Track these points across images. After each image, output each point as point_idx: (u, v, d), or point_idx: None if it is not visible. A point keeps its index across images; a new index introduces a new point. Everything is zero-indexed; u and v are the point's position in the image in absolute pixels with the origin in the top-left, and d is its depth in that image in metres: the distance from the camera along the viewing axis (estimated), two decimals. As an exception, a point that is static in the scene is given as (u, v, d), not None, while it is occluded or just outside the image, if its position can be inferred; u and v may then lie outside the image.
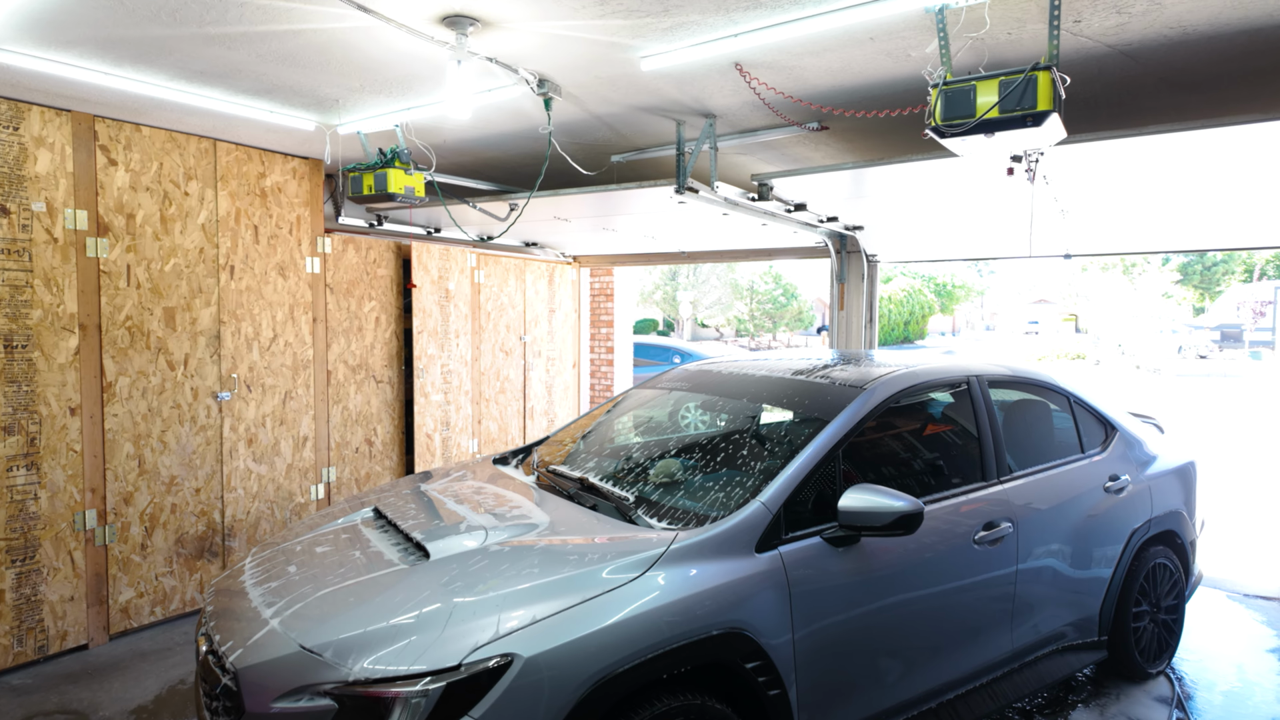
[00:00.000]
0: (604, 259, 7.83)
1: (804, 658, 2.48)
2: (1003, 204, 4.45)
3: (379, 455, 5.65)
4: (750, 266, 33.58)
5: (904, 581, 2.76)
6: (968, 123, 2.36)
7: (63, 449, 3.91)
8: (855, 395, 2.98)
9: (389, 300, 5.67)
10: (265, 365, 4.83)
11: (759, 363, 3.73)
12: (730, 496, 2.66)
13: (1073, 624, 3.45)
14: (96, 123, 4.00)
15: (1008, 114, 2.32)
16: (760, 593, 2.41)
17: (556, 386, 7.47)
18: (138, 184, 4.18)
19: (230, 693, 2.14)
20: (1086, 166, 3.63)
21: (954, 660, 2.97)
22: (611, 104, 3.73)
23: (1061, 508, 3.37)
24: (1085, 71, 3.15)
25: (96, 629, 4.09)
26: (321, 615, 2.22)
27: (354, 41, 2.97)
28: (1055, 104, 2.34)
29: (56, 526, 3.91)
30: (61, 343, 3.90)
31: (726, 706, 2.33)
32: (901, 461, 3.18)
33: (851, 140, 4.39)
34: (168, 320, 4.33)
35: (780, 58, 3.07)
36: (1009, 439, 3.51)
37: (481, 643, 2.01)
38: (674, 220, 5.39)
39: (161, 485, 4.33)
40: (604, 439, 3.69)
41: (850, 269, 6.17)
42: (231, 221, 4.62)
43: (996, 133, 2.37)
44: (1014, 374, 3.64)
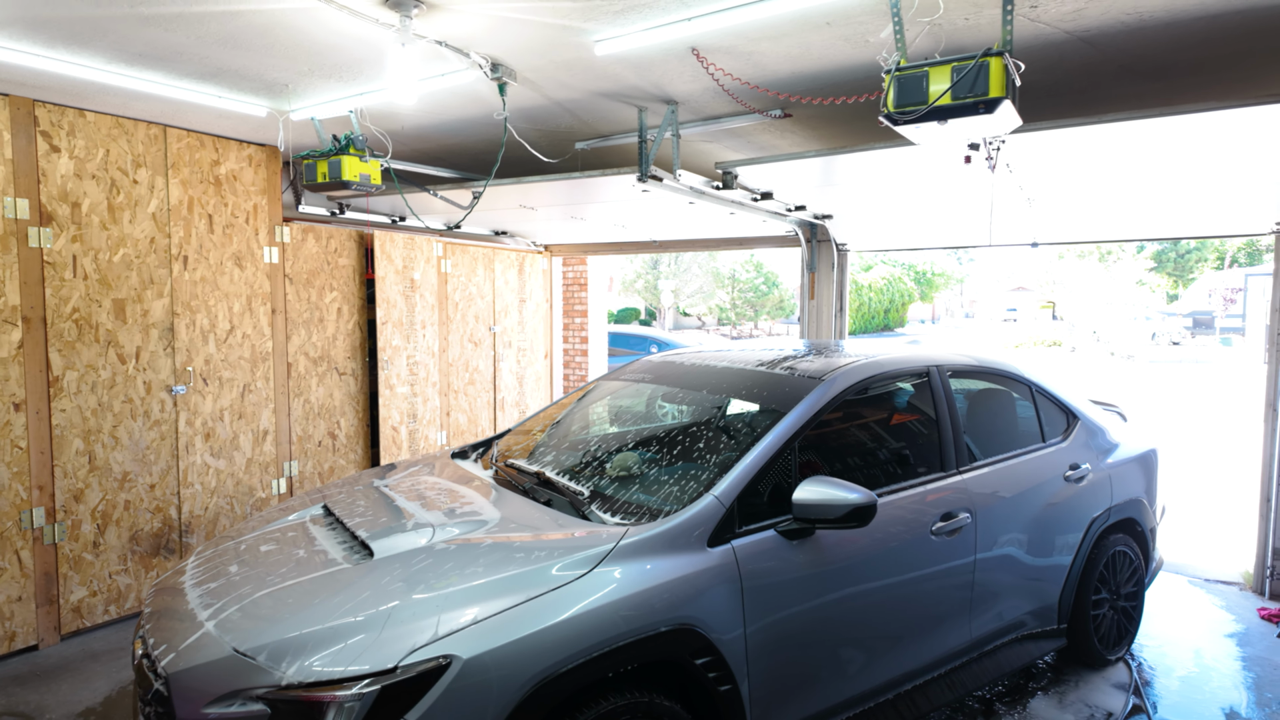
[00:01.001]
0: (576, 248, 7.75)
1: (756, 652, 2.45)
2: (968, 192, 4.42)
3: (343, 449, 5.56)
4: (731, 255, 33.58)
5: (860, 574, 2.74)
6: (920, 109, 2.32)
7: (6, 446, 3.80)
8: (813, 387, 2.94)
9: (351, 291, 5.57)
10: (222, 358, 4.72)
11: (724, 354, 3.69)
12: (684, 490, 2.62)
13: (1032, 612, 3.45)
14: (37, 107, 3.86)
15: (960, 100, 2.28)
16: (712, 588, 2.38)
17: (528, 377, 7.40)
18: (83, 171, 4.04)
19: (162, 698, 2.08)
20: (1049, 154, 3.60)
21: (912, 651, 2.96)
22: (570, 89, 3.65)
23: (1021, 497, 3.37)
24: (1046, 58, 3.12)
25: (47, 629, 3.99)
26: (258, 617, 2.16)
27: (297, 24, 2.88)
28: (1009, 91, 2.30)
29: (2, 525, 3.80)
30: (3, 336, 3.77)
31: (676, 704, 2.30)
32: (861, 452, 3.15)
33: (817, 128, 4.34)
34: (117, 312, 4.21)
35: (738, 43, 3.01)
36: (971, 429, 3.51)
37: (419, 644, 1.96)
38: (642, 209, 5.32)
39: (114, 482, 4.22)
40: (565, 432, 3.64)
41: (820, 258, 6.14)
42: (184, 210, 4.49)
43: (949, 120, 2.33)
44: (975, 364, 3.63)
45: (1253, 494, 4.91)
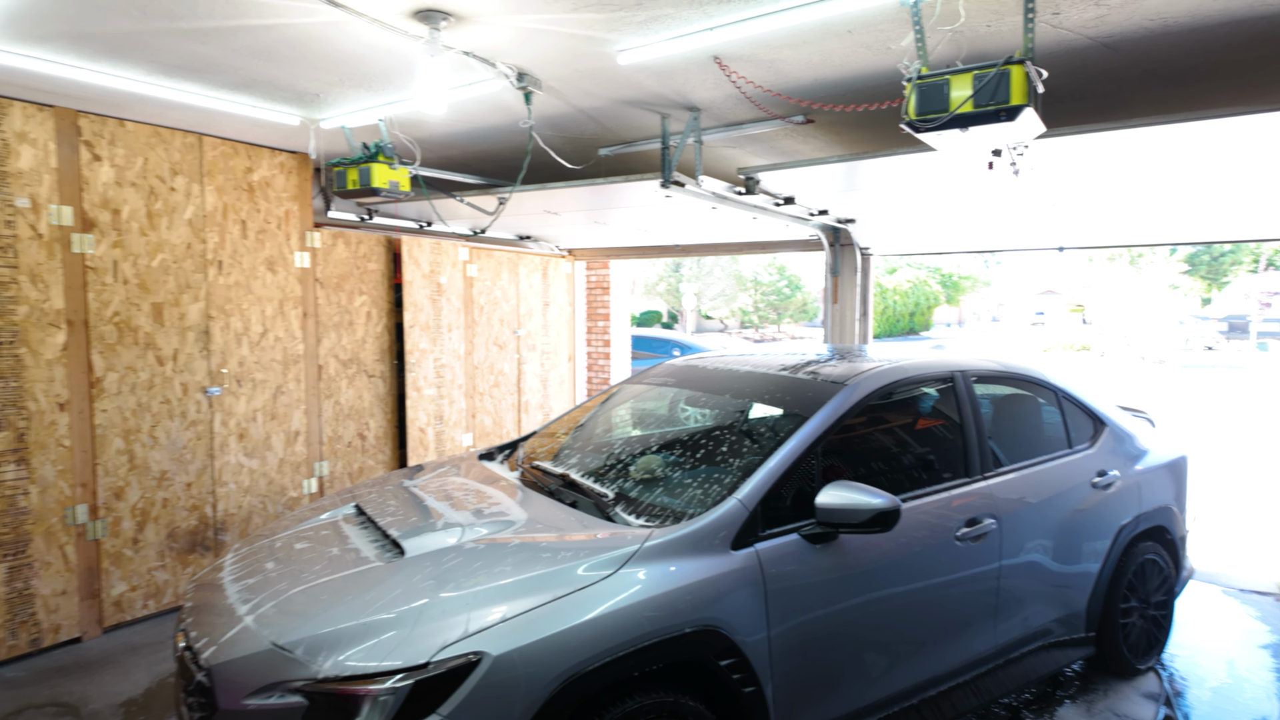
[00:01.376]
0: (598, 252, 7.81)
1: (780, 655, 2.48)
2: (992, 196, 4.41)
3: (372, 449, 5.67)
4: (754, 258, 33.50)
5: (883, 578, 2.75)
6: (941, 117, 2.33)
7: (52, 444, 3.93)
8: (836, 391, 2.96)
9: (380, 294, 5.67)
10: (255, 360, 4.84)
11: (747, 358, 3.72)
12: (708, 494, 2.65)
13: (1059, 620, 3.43)
14: (80, 118, 4.00)
15: (981, 108, 2.30)
16: (735, 590, 2.41)
17: (552, 380, 7.47)
18: (123, 179, 4.18)
19: (204, 689, 2.15)
20: (1074, 159, 3.59)
21: (936, 656, 2.96)
22: (594, 97, 3.71)
23: (1047, 503, 3.35)
24: (1068, 64, 3.11)
25: (89, 622, 4.12)
26: (295, 612, 2.23)
27: (328, 36, 2.96)
28: (1030, 98, 2.31)
29: (47, 521, 3.93)
30: (48, 338, 3.91)
31: (701, 704, 2.33)
32: (885, 457, 3.16)
33: (840, 133, 4.35)
34: (156, 316, 4.34)
35: (759, 51, 3.04)
36: (996, 434, 3.50)
37: (450, 641, 2.02)
38: (665, 214, 5.37)
39: (152, 480, 4.35)
40: (590, 435, 3.68)
41: (844, 262, 6.13)
42: (219, 216, 4.62)
43: (971, 127, 2.34)
44: (1000, 369, 3.62)
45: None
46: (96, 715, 3.38)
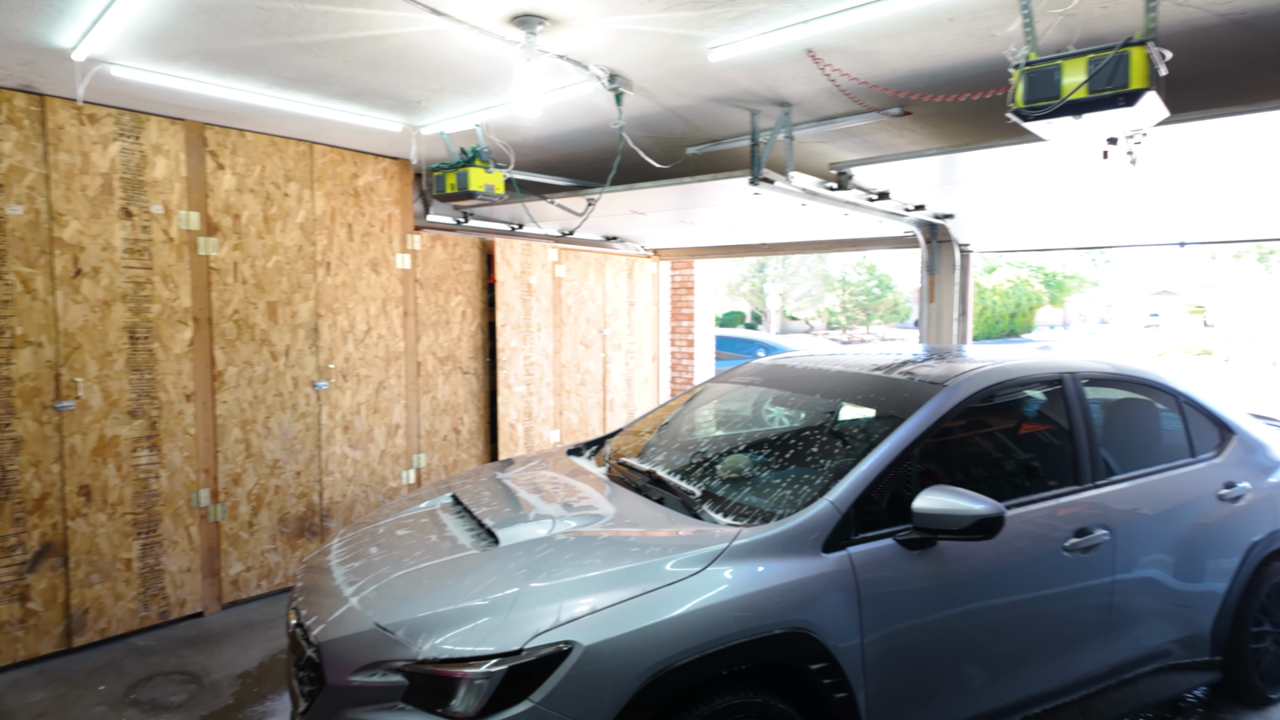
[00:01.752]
0: (683, 252, 7.81)
1: (874, 662, 2.41)
2: (1105, 189, 4.15)
3: (465, 443, 5.86)
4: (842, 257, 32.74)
5: (985, 588, 2.64)
6: (1052, 104, 2.21)
7: (179, 432, 4.26)
8: (935, 392, 2.86)
9: (474, 294, 5.86)
10: (360, 356, 5.09)
11: (837, 358, 3.64)
12: (798, 494, 2.61)
13: (1179, 641, 3.20)
14: (206, 130, 4.31)
15: (1097, 94, 2.16)
16: (828, 594, 2.36)
17: (636, 379, 7.53)
18: (243, 186, 4.48)
19: (314, 664, 2.28)
20: (1199, 147, 3.33)
21: (1041, 673, 2.81)
22: (683, 96, 3.71)
23: (1166, 516, 3.13)
24: (1194, 45, 2.90)
25: (210, 598, 4.44)
26: (397, 595, 2.33)
27: (430, 45, 3.08)
28: (1152, 82, 2.16)
29: (175, 503, 4.26)
30: (178, 334, 4.23)
31: (790, 706, 2.30)
32: (986, 462, 3.03)
33: (937, 125, 4.20)
34: (270, 314, 4.63)
35: (854, 43, 2.97)
36: (1108, 441, 3.29)
37: (543, 629, 2.06)
38: (752, 212, 5.32)
39: (266, 468, 4.64)
40: (675, 432, 3.69)
41: (941, 259, 5.91)
42: (327, 220, 4.88)
43: (1085, 114, 2.21)
44: (1115, 371, 3.41)
45: None
46: (217, 685, 3.64)
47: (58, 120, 3.79)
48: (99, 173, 3.93)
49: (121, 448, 4.04)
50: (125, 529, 4.08)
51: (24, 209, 3.70)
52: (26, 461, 3.75)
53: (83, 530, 3.93)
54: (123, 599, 4.09)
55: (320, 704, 2.21)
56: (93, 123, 3.90)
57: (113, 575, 4.04)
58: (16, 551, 3.73)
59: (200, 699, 3.51)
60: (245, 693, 3.57)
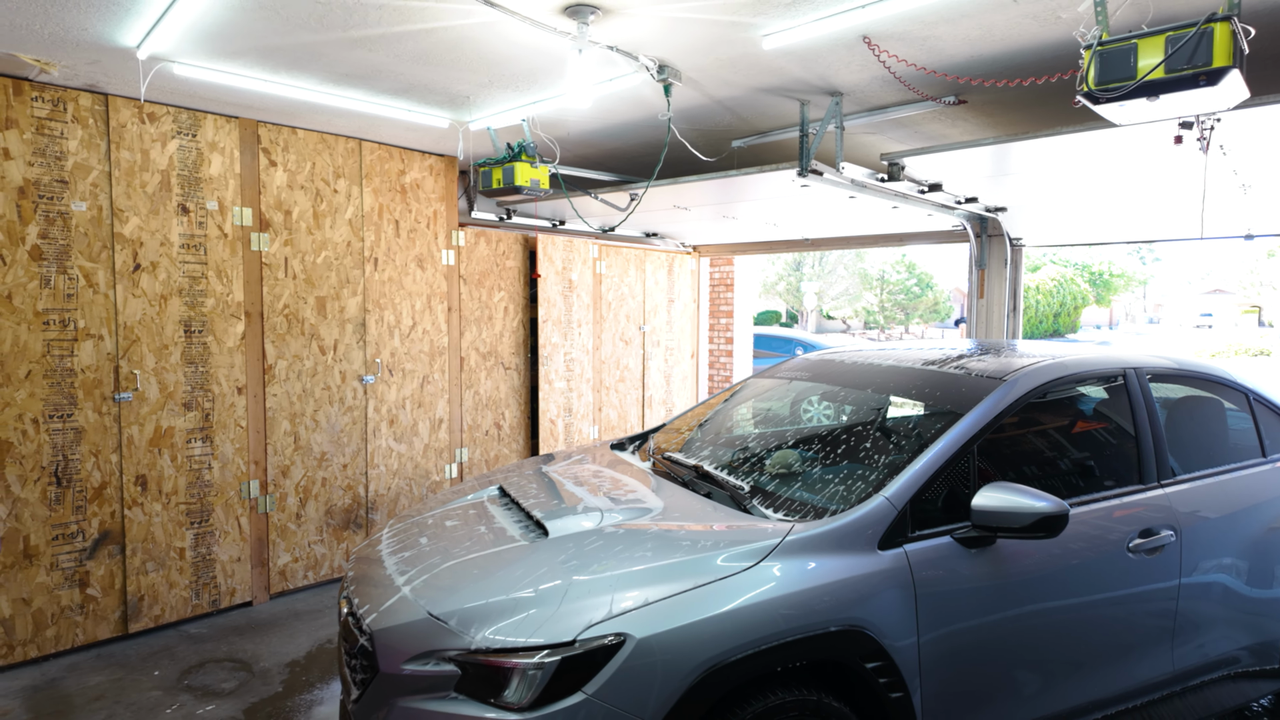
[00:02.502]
0: (724, 248, 7.76)
1: (930, 662, 2.35)
2: (1169, 179, 4.00)
3: (507, 438, 5.89)
4: (880, 255, 32.28)
5: (1045, 589, 2.55)
6: (1126, 85, 2.13)
7: (231, 424, 4.34)
8: (994, 387, 2.78)
9: (516, 290, 5.88)
10: (405, 351, 5.14)
11: (886, 352, 3.56)
12: (851, 490, 2.55)
13: (1249, 648, 3.07)
14: (259, 127, 4.39)
15: (1175, 73, 2.07)
16: (883, 591, 2.30)
17: (675, 376, 7.49)
18: (294, 183, 4.55)
19: (366, 652, 2.29)
20: (1273, 133, 3.19)
21: (1102, 678, 2.72)
22: (731, 86, 3.67)
23: (1236, 517, 3.00)
24: (1275, 23, 2.77)
25: (259, 588, 4.52)
26: (448, 585, 2.33)
27: (481, 37, 3.09)
28: (1236, 59, 2.06)
29: (226, 494, 4.35)
30: (230, 328, 4.32)
31: (845, 705, 2.25)
32: (1046, 460, 2.94)
33: (992, 114, 4.09)
34: (319, 308, 4.70)
35: (912, 28, 2.90)
36: (1173, 439, 3.16)
37: (595, 620, 2.04)
38: (797, 206, 5.24)
39: (313, 460, 4.72)
40: (720, 427, 3.65)
41: (991, 254, 5.77)
42: (375, 216, 4.94)
43: (1161, 95, 2.12)
44: (1180, 367, 3.28)
45: None
46: (266, 672, 3.70)
47: (120, 119, 3.89)
48: (158, 170, 4.02)
49: (176, 439, 4.14)
50: (179, 518, 4.17)
51: (87, 205, 3.81)
52: (87, 451, 3.85)
53: (139, 519, 4.03)
54: (176, 587, 4.18)
55: (373, 692, 2.22)
56: (152, 121, 4.00)
57: (167, 563, 4.14)
58: (77, 539, 3.84)
59: (250, 686, 3.57)
60: (294, 681, 3.62)
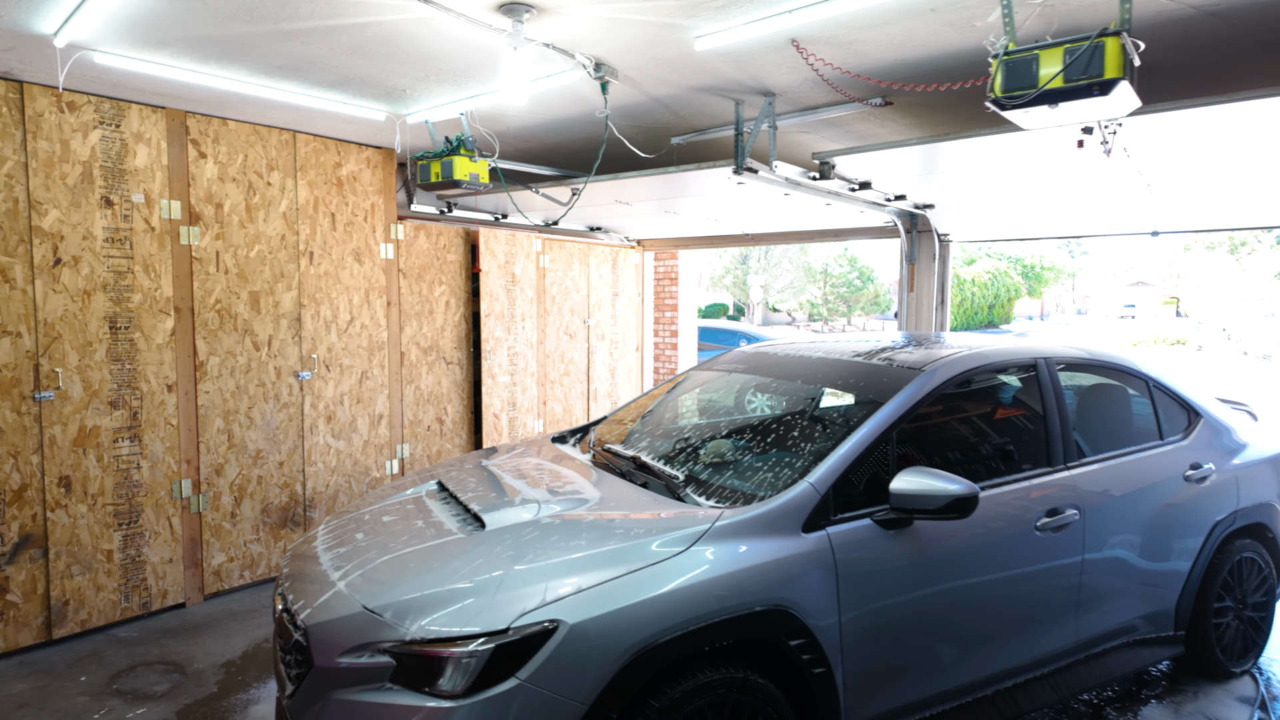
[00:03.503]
0: (667, 242, 7.85)
1: (851, 639, 2.47)
2: (1081, 179, 4.24)
3: (449, 433, 5.87)
4: (824, 249, 32.92)
5: (959, 567, 2.71)
6: (1029, 94, 2.27)
7: (161, 423, 4.24)
8: (913, 377, 2.92)
9: (458, 285, 5.86)
10: (343, 346, 5.08)
11: (818, 345, 3.70)
12: (779, 477, 2.66)
13: (1145, 617, 3.30)
14: (188, 118, 4.28)
15: (1072, 83, 2.22)
16: (807, 573, 2.42)
17: (620, 369, 7.56)
18: (225, 175, 4.45)
19: (301, 648, 2.30)
20: (1173, 137, 3.42)
21: (1013, 649, 2.90)
22: (668, 85, 3.74)
23: (1134, 496, 3.22)
24: (1170, 36, 2.97)
25: (192, 589, 4.43)
26: (383, 579, 2.35)
27: (417, 32, 3.08)
28: (1126, 71, 2.23)
29: (156, 494, 4.24)
30: (159, 324, 4.21)
31: (770, 682, 2.35)
32: (963, 445, 3.10)
33: (919, 115, 4.26)
34: (253, 303, 4.61)
35: (838, 32, 3.01)
36: (1082, 424, 3.38)
37: (529, 609, 2.10)
38: (736, 202, 5.36)
39: (249, 458, 4.63)
40: (659, 419, 3.73)
41: (921, 249, 5.99)
42: (310, 210, 4.86)
43: (1061, 103, 2.27)
44: (1087, 356, 3.49)
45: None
46: (200, 674, 3.64)
47: (37, 107, 3.74)
48: (79, 161, 3.89)
49: (102, 438, 4.02)
50: (106, 520, 4.06)
51: (2, 197, 3.66)
52: (5, 452, 3.72)
53: (63, 521, 3.91)
54: (104, 590, 4.07)
55: (308, 686, 2.23)
56: (72, 110, 3.86)
57: (93, 566, 4.03)
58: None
59: (184, 688, 3.51)
60: (229, 681, 3.57)
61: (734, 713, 2.29)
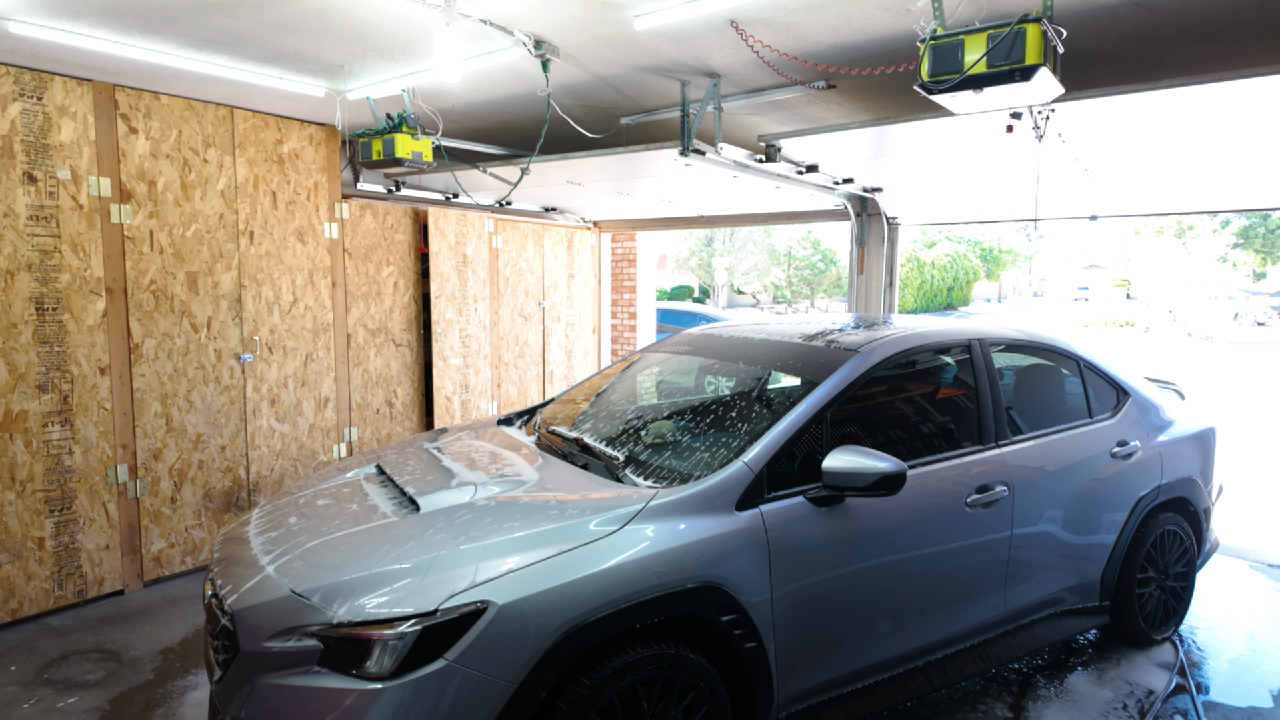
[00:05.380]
0: (624, 224, 7.82)
1: (783, 614, 2.52)
2: (1020, 163, 4.32)
3: (399, 416, 5.81)
4: (788, 232, 33.10)
5: (889, 542, 2.77)
6: (954, 78, 2.30)
7: (94, 406, 4.12)
8: (848, 358, 2.97)
9: (407, 265, 5.77)
10: (286, 328, 4.98)
11: (763, 327, 3.73)
12: (715, 457, 2.69)
13: (1072, 589, 3.43)
14: (116, 92, 4.12)
15: (995, 69, 2.26)
16: (740, 550, 2.45)
17: (576, 351, 7.55)
18: (158, 151, 4.30)
19: (228, 633, 2.27)
20: (1104, 123, 3.50)
21: (943, 621, 2.98)
22: (611, 65, 3.71)
23: (1063, 473, 3.33)
24: (1098, 24, 3.03)
25: (131, 576, 4.34)
26: (313, 563, 2.33)
27: (349, 7, 3.01)
28: (1047, 58, 2.27)
29: (91, 480, 4.13)
30: (90, 305, 4.08)
31: (702, 657, 2.39)
32: (900, 424, 3.17)
33: (863, 99, 4.29)
34: (190, 284, 4.49)
35: (776, 14, 3.01)
36: (1017, 404, 3.48)
37: (458, 590, 2.10)
38: (688, 183, 5.35)
39: (189, 442, 4.53)
40: (606, 401, 3.74)
41: (870, 232, 6.07)
42: (250, 188, 4.74)
43: (985, 88, 2.31)
44: (1020, 337, 3.58)
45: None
46: (137, 661, 3.58)
47: (-52, 77, 3.57)
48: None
49: (30, 423, 3.90)
50: (36, 507, 3.94)
51: (-87, 171, 3.50)
52: (-74, 438, 3.58)
53: (-9, 508, 3.79)
54: (35, 578, 3.96)
55: (235, 670, 2.21)
56: (-12, 81, 3.69)
57: (24, 554, 3.92)
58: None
59: (119, 676, 3.45)
60: (167, 668, 3.52)
61: (666, 688, 2.32)
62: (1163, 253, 31.20)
